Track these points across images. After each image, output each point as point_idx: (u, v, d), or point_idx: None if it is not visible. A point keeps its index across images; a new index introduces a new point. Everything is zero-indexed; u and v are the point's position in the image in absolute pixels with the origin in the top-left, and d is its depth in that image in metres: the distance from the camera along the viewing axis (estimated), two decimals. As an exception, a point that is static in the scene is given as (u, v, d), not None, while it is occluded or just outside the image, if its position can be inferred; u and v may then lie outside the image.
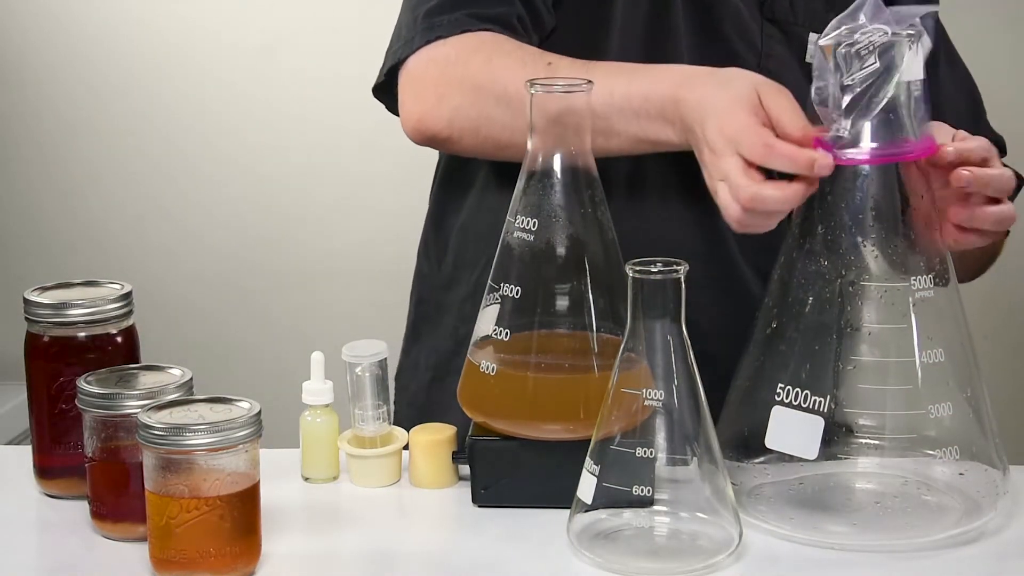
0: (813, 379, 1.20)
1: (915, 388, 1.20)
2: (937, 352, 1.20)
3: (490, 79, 1.36)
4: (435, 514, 1.29)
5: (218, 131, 2.81)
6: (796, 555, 1.19)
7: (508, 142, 1.37)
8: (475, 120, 1.39)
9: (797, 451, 1.20)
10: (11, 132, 2.84)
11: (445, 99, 1.38)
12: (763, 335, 1.24)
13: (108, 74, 2.80)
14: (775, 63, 1.51)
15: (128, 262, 2.80)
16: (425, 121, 1.40)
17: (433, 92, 1.39)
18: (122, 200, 2.84)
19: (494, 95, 1.36)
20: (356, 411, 1.33)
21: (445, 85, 1.39)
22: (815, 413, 1.19)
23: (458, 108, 1.38)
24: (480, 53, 1.38)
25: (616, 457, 1.15)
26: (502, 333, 1.25)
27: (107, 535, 1.22)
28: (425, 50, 1.40)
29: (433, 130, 1.40)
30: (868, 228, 1.21)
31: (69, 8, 2.79)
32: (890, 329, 1.21)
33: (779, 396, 1.20)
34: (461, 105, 1.38)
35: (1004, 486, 1.23)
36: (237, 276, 2.84)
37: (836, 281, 1.21)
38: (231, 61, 2.79)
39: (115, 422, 1.20)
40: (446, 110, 1.38)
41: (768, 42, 1.52)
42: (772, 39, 1.52)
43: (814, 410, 1.19)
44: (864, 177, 1.21)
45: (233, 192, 2.82)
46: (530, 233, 1.24)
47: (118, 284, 1.32)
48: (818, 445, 1.19)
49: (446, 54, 1.39)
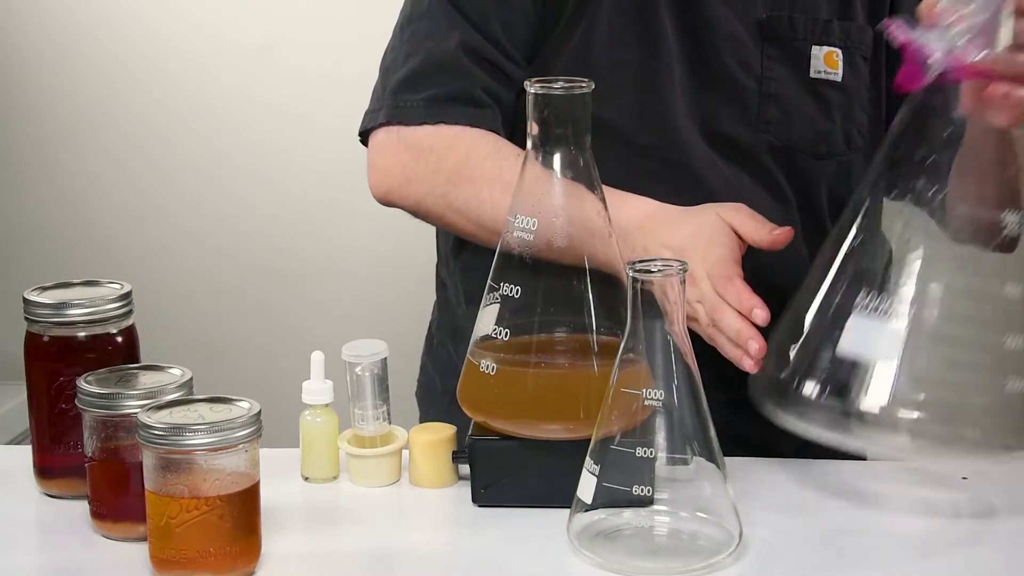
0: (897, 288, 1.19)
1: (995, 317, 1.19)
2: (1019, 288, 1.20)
3: (465, 178, 1.44)
4: (435, 514, 1.29)
5: (218, 131, 2.81)
6: (796, 555, 1.19)
7: (471, 235, 1.46)
8: (442, 210, 1.47)
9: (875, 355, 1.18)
10: (11, 132, 2.84)
11: (414, 184, 1.47)
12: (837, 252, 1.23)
13: (108, 74, 2.80)
14: (776, 86, 1.51)
15: (128, 262, 2.80)
16: (390, 196, 1.49)
17: (402, 174, 1.47)
18: (122, 200, 2.84)
19: (464, 195, 1.44)
20: (356, 411, 1.33)
21: (416, 171, 1.47)
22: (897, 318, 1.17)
23: (428, 195, 1.46)
24: (455, 151, 1.45)
25: (616, 457, 1.15)
26: (502, 333, 1.25)
27: (107, 535, 1.22)
28: (396, 130, 1.48)
29: (398, 205, 1.50)
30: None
31: (69, 8, 2.79)
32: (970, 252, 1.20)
33: (859, 304, 1.19)
34: (431, 194, 1.46)
35: None
36: (237, 276, 2.84)
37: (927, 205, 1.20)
38: (231, 61, 2.79)
39: (115, 422, 1.20)
40: (414, 195, 1.47)
41: (768, 63, 1.51)
42: (772, 59, 1.51)
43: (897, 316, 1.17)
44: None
45: (233, 192, 2.82)
46: (530, 233, 1.24)
47: (118, 284, 1.32)
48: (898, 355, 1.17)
49: (419, 142, 1.47)
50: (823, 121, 1.52)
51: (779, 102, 1.51)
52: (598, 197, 1.25)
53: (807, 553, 1.19)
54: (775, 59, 1.51)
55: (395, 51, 1.51)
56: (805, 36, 1.51)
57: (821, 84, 1.51)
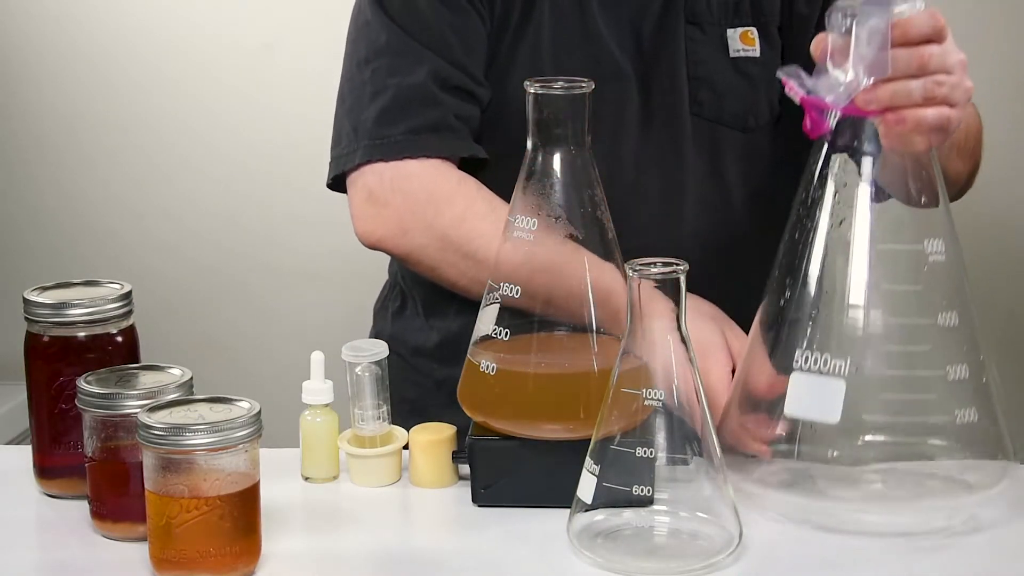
0: (832, 343, 1.19)
1: (934, 349, 1.20)
2: (952, 315, 1.21)
3: (463, 237, 1.44)
4: (435, 514, 1.29)
5: (218, 131, 2.81)
6: (796, 555, 1.19)
7: (463, 288, 1.46)
8: (436, 263, 1.47)
9: (819, 416, 1.19)
10: (11, 132, 2.83)
11: (410, 235, 1.46)
12: (776, 308, 1.24)
13: (108, 74, 2.80)
14: (704, 69, 1.54)
15: (128, 262, 2.80)
16: (383, 244, 1.48)
17: (398, 224, 1.46)
18: (122, 200, 2.83)
19: (462, 252, 1.44)
20: (356, 411, 1.33)
21: (412, 222, 1.46)
22: (835, 376, 1.18)
23: (423, 248, 1.46)
24: (454, 206, 1.44)
25: (616, 457, 1.15)
26: (502, 333, 1.25)
27: (107, 535, 1.22)
28: (380, 170, 1.46)
29: (390, 253, 1.51)
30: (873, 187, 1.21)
31: (69, 8, 2.79)
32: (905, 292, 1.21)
33: (797, 363, 1.20)
34: (427, 247, 1.46)
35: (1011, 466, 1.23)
36: (237, 276, 2.84)
37: (847, 243, 1.21)
38: (231, 61, 2.79)
39: (115, 422, 1.20)
40: (408, 245, 1.47)
41: (692, 46, 1.54)
42: (695, 42, 1.54)
43: (834, 374, 1.18)
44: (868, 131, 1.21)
45: (233, 192, 2.82)
46: (530, 233, 1.24)
47: (118, 284, 1.32)
48: (840, 408, 1.18)
49: (413, 190, 1.46)
50: (750, 94, 1.56)
51: (709, 82, 1.54)
52: (598, 197, 1.25)
53: (807, 553, 1.19)
54: (698, 42, 1.53)
55: (356, 91, 1.50)
56: (719, 20, 1.54)
57: (742, 62, 1.55)
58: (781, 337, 1.22)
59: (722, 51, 1.55)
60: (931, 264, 1.21)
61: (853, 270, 1.20)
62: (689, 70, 1.53)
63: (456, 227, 1.44)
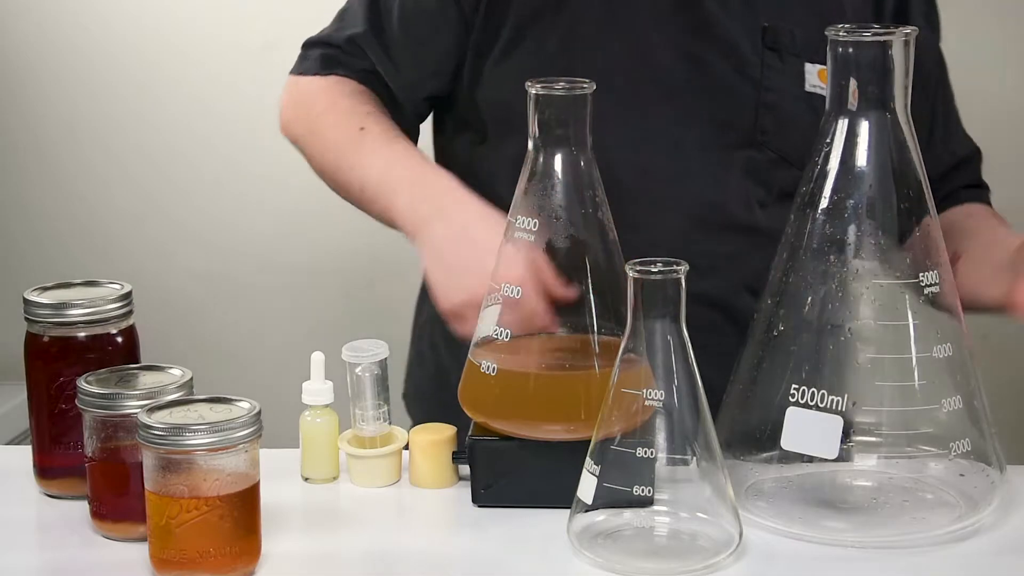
0: (829, 379, 1.20)
1: (928, 383, 1.20)
2: (945, 347, 1.21)
3: (317, 128, 1.62)
4: (435, 514, 1.29)
5: (218, 131, 2.81)
6: (796, 555, 1.19)
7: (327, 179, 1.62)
8: (305, 149, 1.64)
9: (817, 452, 1.19)
10: (11, 132, 2.83)
11: (291, 125, 1.67)
12: (767, 335, 1.24)
13: (108, 74, 2.80)
14: (774, 96, 1.52)
15: (128, 262, 2.80)
16: (283, 131, 1.69)
17: (286, 114, 1.68)
18: (122, 200, 2.83)
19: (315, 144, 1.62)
20: (356, 411, 1.33)
21: (293, 113, 1.67)
22: (832, 412, 1.19)
23: (297, 138, 1.66)
24: (322, 99, 1.63)
25: (616, 457, 1.15)
26: (503, 333, 1.25)
27: (107, 535, 1.22)
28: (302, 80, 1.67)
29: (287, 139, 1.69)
30: (869, 226, 1.21)
31: (69, 8, 2.79)
32: (897, 326, 1.21)
33: (793, 397, 1.20)
34: (299, 137, 1.66)
35: (1001, 484, 1.23)
36: (237, 276, 2.83)
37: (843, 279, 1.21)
38: (231, 61, 2.79)
39: (115, 422, 1.20)
40: (291, 134, 1.67)
41: (767, 73, 1.52)
42: (772, 69, 1.52)
43: (831, 410, 1.19)
44: (862, 176, 1.21)
45: (233, 192, 2.82)
46: (531, 234, 1.24)
47: (118, 284, 1.32)
48: (838, 444, 1.19)
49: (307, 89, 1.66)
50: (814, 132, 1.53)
51: (776, 110, 1.51)
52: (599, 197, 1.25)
53: (807, 553, 1.19)
54: (774, 69, 1.52)
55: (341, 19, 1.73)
56: (801, 53, 1.52)
57: (816, 98, 1.52)
58: (772, 368, 1.22)
59: (798, 83, 1.53)
60: (927, 296, 1.21)
61: (849, 304, 1.21)
62: (760, 96, 1.52)
63: (317, 120, 1.62)
